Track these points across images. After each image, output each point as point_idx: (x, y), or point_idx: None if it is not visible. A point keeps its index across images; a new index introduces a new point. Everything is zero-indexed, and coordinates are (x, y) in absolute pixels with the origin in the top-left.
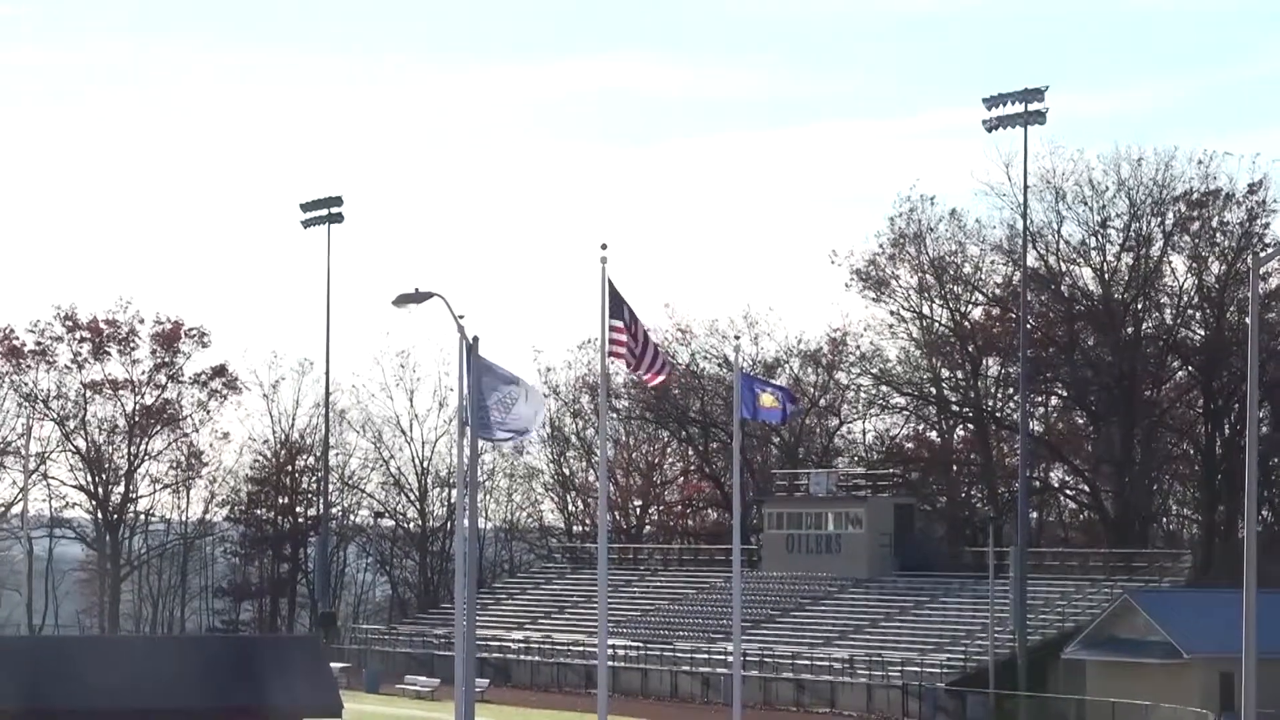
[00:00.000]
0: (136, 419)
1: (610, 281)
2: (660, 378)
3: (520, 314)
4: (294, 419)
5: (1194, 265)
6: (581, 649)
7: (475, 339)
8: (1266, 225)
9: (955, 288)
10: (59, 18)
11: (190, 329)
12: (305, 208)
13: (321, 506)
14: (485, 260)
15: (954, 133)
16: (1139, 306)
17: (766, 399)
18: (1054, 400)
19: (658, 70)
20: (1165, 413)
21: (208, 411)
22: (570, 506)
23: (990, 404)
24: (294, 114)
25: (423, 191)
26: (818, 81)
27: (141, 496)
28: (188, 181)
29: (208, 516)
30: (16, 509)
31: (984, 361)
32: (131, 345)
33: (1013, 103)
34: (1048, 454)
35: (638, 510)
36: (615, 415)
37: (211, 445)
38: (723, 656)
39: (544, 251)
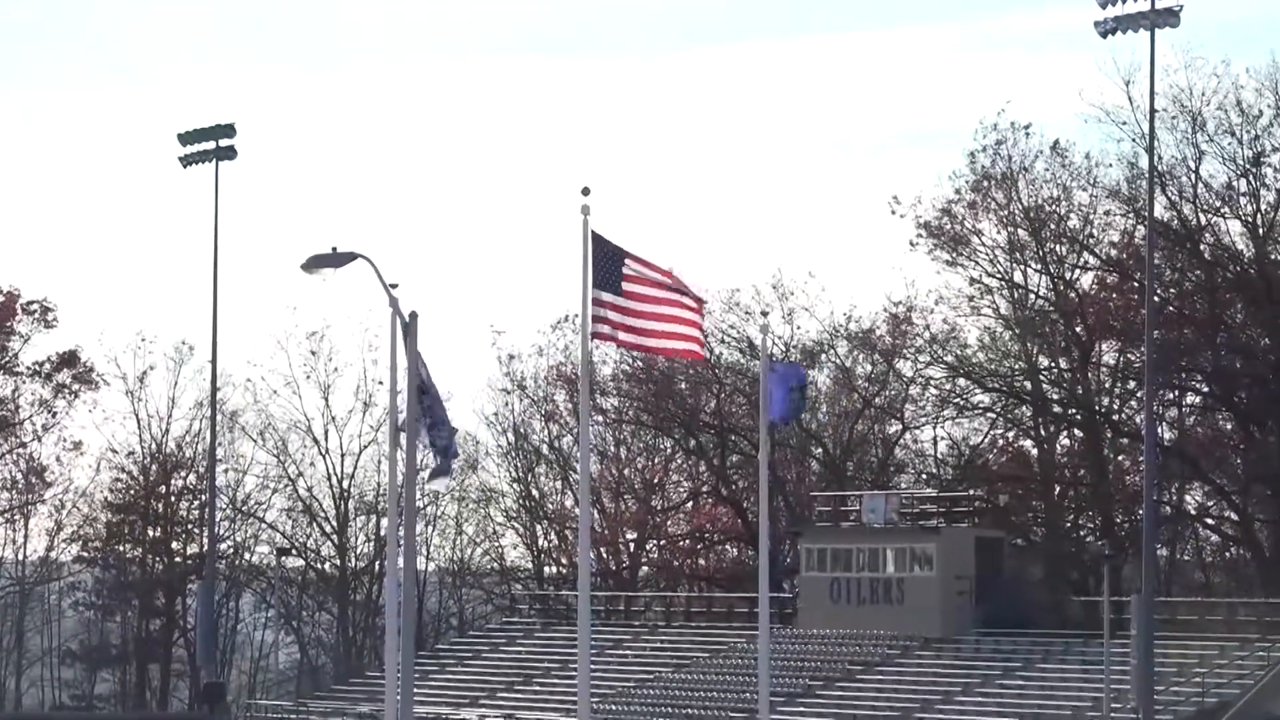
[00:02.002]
0: None
1: (594, 236)
2: (692, 345)
3: (474, 283)
4: (168, 424)
5: None
6: None
7: (413, 315)
8: None
9: (1058, 247)
10: None
11: (29, 303)
12: (185, 140)
13: (206, 541)
14: (427, 212)
15: (1056, 39)
16: None
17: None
18: (1191, 398)
19: None
20: None
21: (53, 413)
22: (541, 541)
23: (1105, 403)
24: (170, 15)
25: (343, 120)
26: None
27: None
28: (23, 106)
29: (53, 555)
30: None
31: (1096, 346)
32: None
33: None
34: (1183, 470)
35: (631, 546)
36: (601, 419)
37: (58, 459)
38: None
39: (506, 200)
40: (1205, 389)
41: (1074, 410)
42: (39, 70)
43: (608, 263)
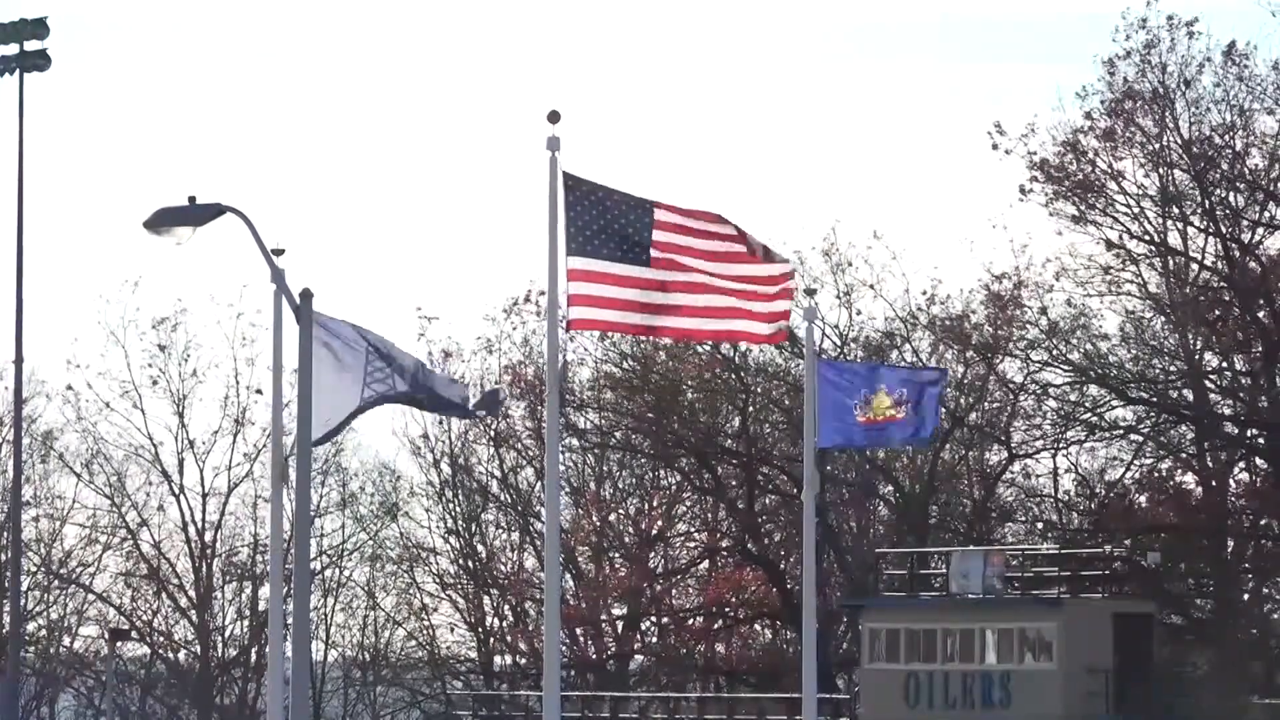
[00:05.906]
0: None
1: (565, 177)
2: (776, 325)
3: (393, 250)
4: None
5: None
6: None
7: (306, 294)
8: None
9: (1232, 196)
10: None
11: None
12: None
13: (7, 620)
14: (324, 152)
15: None
16: None
17: (882, 402)
18: None
19: None
20: None
21: None
22: (490, 619)
23: None
24: None
25: (208, 21)
26: None
27: None
28: None
29: None
30: None
31: None
32: None
33: None
34: None
35: (620, 625)
36: (577, 443)
37: None
38: None
39: (437, 135)
40: None
41: (1255, 431)
42: None
43: (588, 199)
